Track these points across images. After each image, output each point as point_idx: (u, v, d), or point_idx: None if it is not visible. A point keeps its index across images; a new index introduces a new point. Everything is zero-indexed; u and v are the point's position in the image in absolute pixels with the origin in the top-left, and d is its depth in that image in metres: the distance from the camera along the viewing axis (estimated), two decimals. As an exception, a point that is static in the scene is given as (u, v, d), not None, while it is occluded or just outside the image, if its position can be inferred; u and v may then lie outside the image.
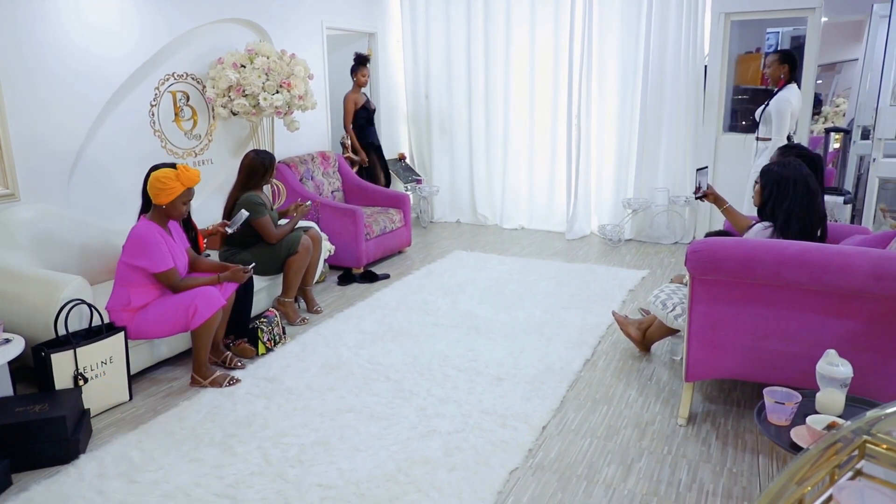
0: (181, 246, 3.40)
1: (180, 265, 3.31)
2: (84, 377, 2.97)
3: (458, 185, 7.17)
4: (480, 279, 5.06)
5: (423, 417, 2.99)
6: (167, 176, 3.15)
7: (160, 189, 3.15)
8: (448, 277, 5.12)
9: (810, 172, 3.00)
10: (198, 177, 3.25)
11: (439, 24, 6.89)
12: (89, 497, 2.44)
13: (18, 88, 3.56)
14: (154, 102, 4.49)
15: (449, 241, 6.41)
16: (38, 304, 3.03)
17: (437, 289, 4.84)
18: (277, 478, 2.54)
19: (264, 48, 4.76)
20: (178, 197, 3.19)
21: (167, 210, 3.22)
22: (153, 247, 3.15)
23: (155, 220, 3.25)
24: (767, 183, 3.04)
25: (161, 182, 3.14)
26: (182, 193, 3.19)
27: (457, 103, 6.99)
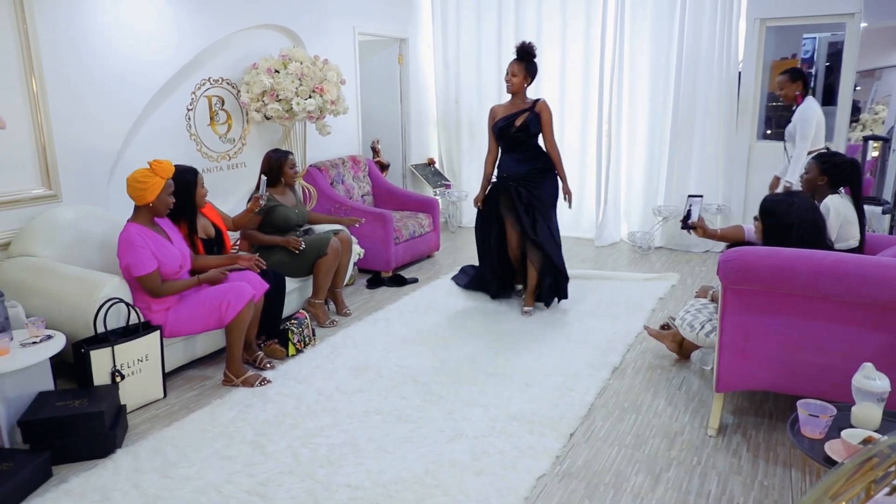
0: (178, 243, 3.39)
1: (173, 264, 3.27)
2: (121, 374, 3.05)
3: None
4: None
5: (451, 421, 3.00)
6: (144, 175, 3.15)
7: (142, 189, 3.14)
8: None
9: (816, 207, 2.89)
10: (171, 165, 3.24)
11: (470, 29, 6.93)
12: (125, 490, 2.51)
13: (62, 95, 3.67)
14: (190, 106, 4.59)
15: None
16: (78, 303, 3.12)
17: (464, 293, 4.86)
18: (307, 477, 2.57)
19: (298, 54, 4.84)
20: (162, 190, 3.20)
21: (155, 207, 3.21)
22: (135, 249, 3.14)
23: (140, 222, 3.22)
24: (770, 226, 2.87)
25: (140, 182, 3.14)
26: (164, 186, 3.20)
27: (487, 108, 6.95)
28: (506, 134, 4.29)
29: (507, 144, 4.34)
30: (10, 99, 3.42)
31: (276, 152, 4.31)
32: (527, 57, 4.24)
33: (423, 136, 7.27)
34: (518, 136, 4.27)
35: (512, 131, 4.26)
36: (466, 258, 5.89)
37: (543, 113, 4.28)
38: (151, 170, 3.17)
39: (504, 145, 4.36)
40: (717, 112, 5.93)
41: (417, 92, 7.07)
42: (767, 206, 2.91)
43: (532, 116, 4.25)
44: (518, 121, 4.25)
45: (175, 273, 3.30)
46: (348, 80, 5.66)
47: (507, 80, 4.27)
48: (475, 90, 7.04)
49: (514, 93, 4.29)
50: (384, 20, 6.41)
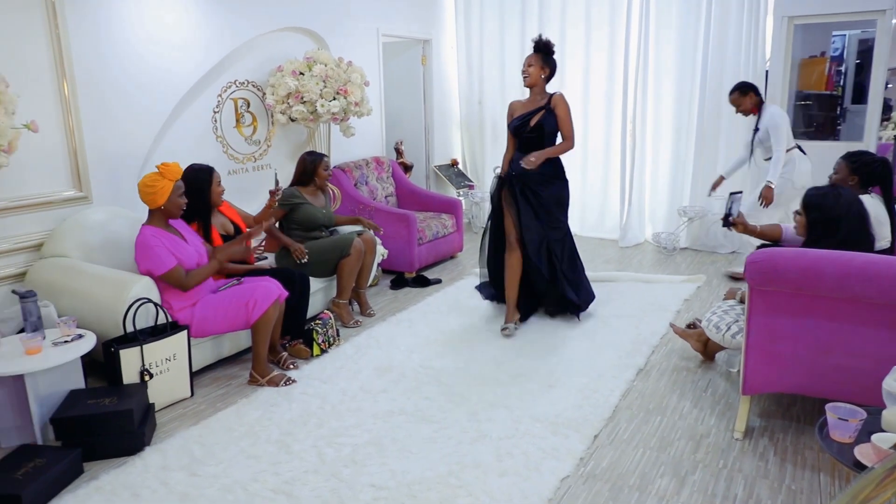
0: (194, 242, 3.44)
1: (189, 262, 3.32)
2: (150, 373, 3.10)
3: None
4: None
5: (475, 422, 3.01)
6: (152, 179, 3.20)
7: (152, 193, 3.20)
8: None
9: (859, 199, 2.85)
10: (178, 167, 3.28)
11: (493, 30, 6.92)
12: (154, 487, 2.55)
13: (93, 99, 3.74)
14: (217, 109, 4.65)
15: (500, 246, 6.40)
16: (107, 302, 3.17)
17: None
18: (332, 476, 2.60)
19: (322, 56, 4.88)
20: (172, 192, 3.24)
21: (167, 209, 3.26)
22: (152, 250, 3.19)
23: (154, 224, 3.28)
24: (816, 220, 2.80)
25: (150, 186, 3.19)
26: (174, 188, 3.24)
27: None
28: (520, 134, 4.11)
29: (521, 144, 4.14)
30: (42, 103, 3.50)
31: (312, 154, 4.40)
32: (544, 50, 4.04)
33: (446, 137, 7.28)
34: (532, 138, 4.07)
35: (526, 131, 4.08)
36: (489, 259, 5.89)
37: (558, 107, 4.04)
38: (160, 173, 3.22)
39: (519, 144, 4.17)
40: (743, 111, 5.84)
41: (441, 93, 7.08)
42: (813, 200, 2.82)
43: (546, 115, 4.04)
44: (533, 120, 4.05)
45: None
46: (372, 81, 5.69)
47: (524, 72, 4.06)
48: (498, 91, 7.03)
49: (531, 86, 4.08)
50: (408, 22, 6.44)
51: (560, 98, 4.07)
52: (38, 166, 3.52)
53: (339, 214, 4.93)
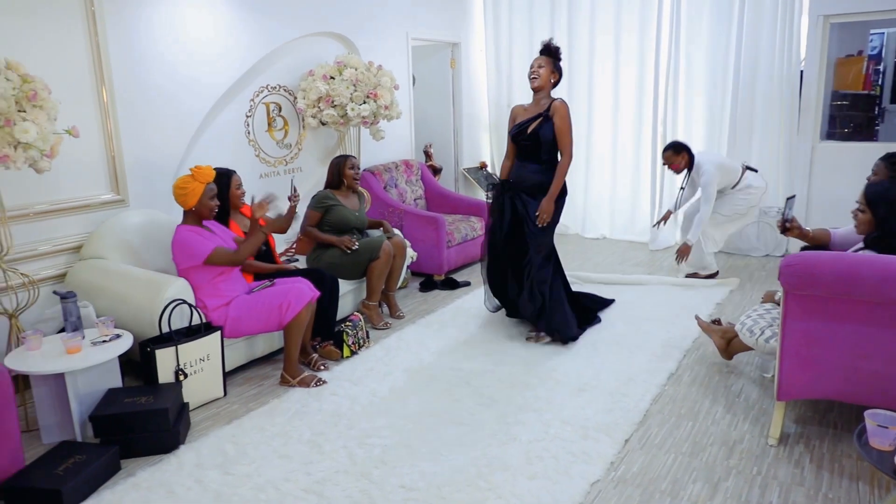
0: (226, 241, 3.49)
1: None
2: (184, 373, 3.16)
3: (538, 193, 7.13)
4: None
5: (504, 424, 3.00)
6: (184, 181, 3.31)
7: (184, 195, 3.30)
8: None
9: None
10: (211, 170, 3.36)
11: (522, 33, 6.92)
12: (188, 485, 2.60)
13: (130, 105, 3.83)
14: (249, 113, 4.72)
15: (529, 249, 6.38)
16: (144, 303, 3.24)
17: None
18: (362, 477, 2.62)
19: (352, 60, 4.92)
20: (203, 195, 3.33)
21: (198, 210, 3.35)
22: (190, 242, 3.29)
23: (189, 224, 3.38)
24: (882, 209, 2.68)
25: (182, 189, 3.30)
26: (204, 191, 3.33)
27: (539, 111, 6.97)
28: (517, 141, 3.91)
29: (519, 152, 3.95)
30: (82, 109, 3.59)
31: (339, 156, 4.46)
32: (555, 54, 3.87)
33: (475, 140, 7.29)
34: (527, 146, 3.86)
35: (522, 139, 3.86)
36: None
37: (556, 115, 3.78)
38: (192, 175, 3.32)
39: (517, 153, 3.97)
40: (777, 112, 5.76)
41: (469, 96, 7.09)
42: (880, 194, 2.71)
43: (544, 123, 3.80)
44: (530, 128, 3.83)
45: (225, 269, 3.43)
46: (401, 84, 5.72)
47: (533, 74, 3.83)
48: (527, 94, 6.93)
49: (538, 88, 3.84)
50: (437, 25, 6.46)
51: (560, 105, 3.82)
52: (77, 170, 3.62)
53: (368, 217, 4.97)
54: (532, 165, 3.88)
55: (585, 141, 6.77)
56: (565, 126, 3.79)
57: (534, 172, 3.86)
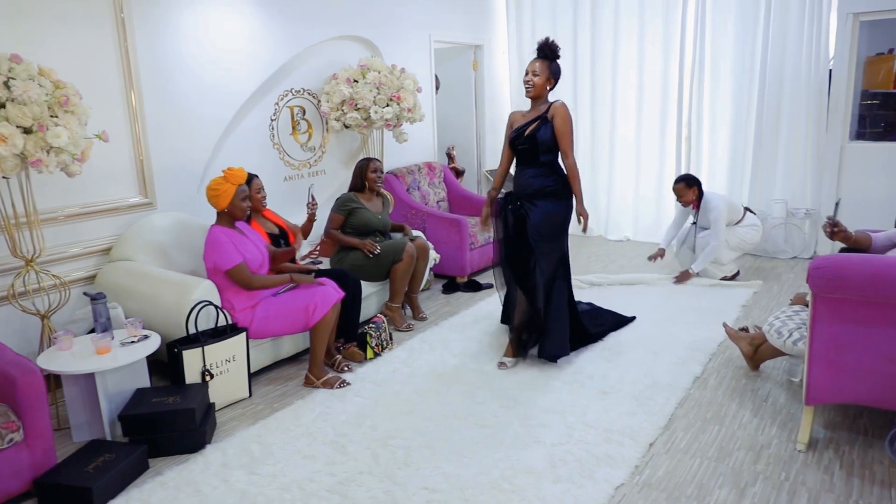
0: (257, 244, 3.56)
1: (254, 261, 3.45)
2: (210, 373, 3.20)
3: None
4: (584, 291, 5.00)
5: (527, 427, 3.00)
6: (217, 182, 3.37)
7: (216, 196, 3.36)
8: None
9: None
10: (243, 172, 3.42)
11: (545, 33, 6.83)
12: (214, 484, 2.63)
13: (158, 110, 3.90)
14: (274, 117, 4.77)
15: (552, 251, 6.36)
16: (171, 305, 3.29)
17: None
18: (385, 478, 2.63)
19: (376, 63, 4.95)
20: (234, 196, 3.38)
21: (230, 212, 3.41)
22: (222, 246, 3.35)
23: (222, 225, 3.44)
24: None
25: (214, 190, 3.36)
26: (236, 192, 3.38)
27: (562, 113, 6.94)
28: (515, 146, 3.69)
29: (518, 158, 3.74)
30: (112, 114, 3.66)
31: (363, 159, 4.50)
32: (550, 55, 3.58)
33: (497, 142, 7.24)
34: (524, 150, 3.64)
35: (519, 143, 3.65)
36: (541, 264, 5.86)
37: (556, 118, 3.54)
38: (224, 177, 3.38)
39: (516, 159, 3.76)
40: (805, 112, 5.67)
41: (492, 98, 7.09)
42: None
43: (542, 125, 3.57)
44: (527, 130, 3.61)
45: (258, 268, 3.46)
46: (424, 87, 5.74)
47: (527, 82, 3.59)
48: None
49: (535, 97, 3.61)
50: (459, 28, 6.47)
51: (560, 107, 3.58)
52: (107, 174, 3.68)
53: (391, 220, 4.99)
54: (530, 170, 3.67)
55: (609, 142, 6.73)
56: (566, 127, 3.57)
57: (533, 177, 3.65)
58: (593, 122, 6.78)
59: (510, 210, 3.69)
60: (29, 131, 2.79)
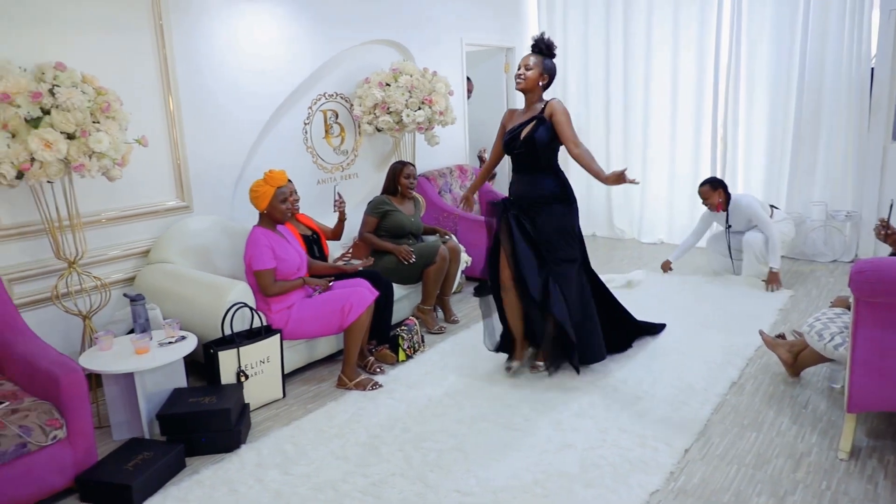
0: (297, 247, 3.63)
1: (293, 264, 3.50)
2: (245, 374, 3.25)
3: (593, 197, 7.05)
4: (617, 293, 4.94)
5: (559, 431, 2.98)
6: (257, 184, 3.45)
7: (255, 197, 3.45)
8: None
9: None
10: (283, 175, 3.48)
11: (577, 35, 6.85)
12: (250, 484, 2.66)
13: (194, 115, 3.98)
14: (307, 121, 4.82)
15: (584, 254, 6.32)
16: (208, 306, 3.35)
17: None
18: (418, 480, 2.63)
19: (408, 67, 4.98)
20: (273, 198, 3.44)
21: (269, 213, 3.47)
22: (257, 247, 3.42)
23: (264, 226, 3.51)
24: None
25: (254, 191, 3.45)
26: (274, 195, 3.44)
27: (594, 114, 6.90)
28: (511, 149, 3.47)
29: (514, 162, 3.52)
30: (151, 119, 3.74)
31: (397, 163, 4.53)
32: (546, 52, 3.42)
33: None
34: (521, 154, 3.43)
35: (516, 147, 3.43)
36: (573, 267, 5.82)
37: (555, 114, 3.35)
38: (264, 179, 3.45)
39: (512, 163, 3.55)
40: (846, 112, 5.54)
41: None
42: None
43: (539, 125, 3.36)
44: (523, 132, 3.39)
45: (293, 273, 3.51)
46: (455, 90, 5.75)
47: (520, 75, 3.39)
48: (582, 97, 6.95)
49: (526, 90, 3.42)
50: (491, 30, 6.47)
51: (557, 104, 3.40)
52: (145, 178, 3.76)
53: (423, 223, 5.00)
54: (528, 176, 3.45)
55: (642, 143, 6.66)
56: (566, 120, 3.36)
57: (533, 183, 3.44)
58: (626, 123, 6.71)
59: (513, 218, 3.44)
60: (72, 137, 2.87)
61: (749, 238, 5.01)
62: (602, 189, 6.95)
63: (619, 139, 6.79)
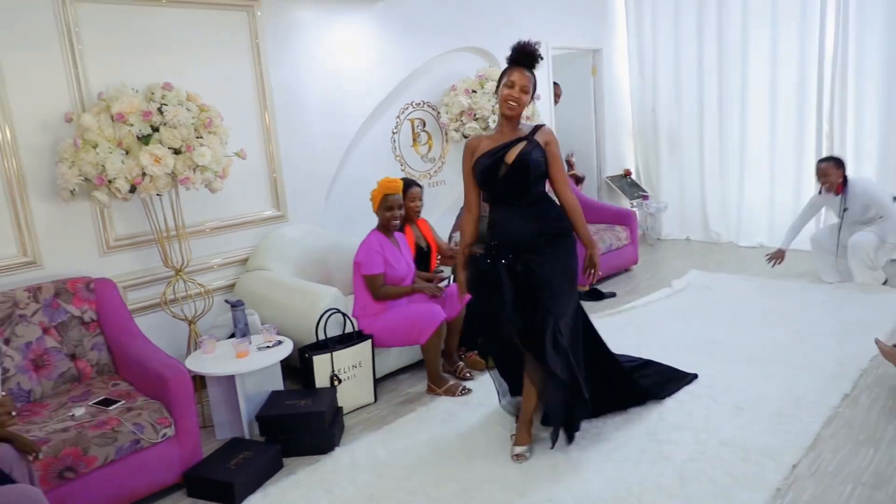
0: (408, 258, 3.68)
1: (400, 270, 3.56)
2: (339, 378, 3.32)
3: (688, 200, 6.80)
4: (713, 299, 4.75)
5: (655, 443, 2.87)
6: (374, 188, 3.55)
7: (371, 199, 3.60)
8: (678, 297, 4.89)
9: None
10: (394, 184, 3.55)
11: (667, 34, 6.65)
12: (344, 486, 2.72)
13: (288, 128, 4.14)
14: (395, 130, 4.91)
15: (678, 259, 6.10)
16: (302, 312, 3.46)
17: (665, 308, 4.65)
18: (510, 488, 2.61)
19: (493, 73, 4.98)
20: (380, 203, 3.54)
21: (379, 217, 3.57)
22: (371, 252, 3.50)
23: (380, 231, 3.59)
24: None
25: (372, 193, 3.57)
26: (382, 199, 3.52)
27: (686, 115, 6.66)
28: (492, 176, 2.77)
29: (496, 193, 2.82)
30: (249, 133, 3.91)
31: None
32: (532, 63, 2.80)
33: (618, 147, 7.10)
34: (512, 181, 2.76)
35: (502, 172, 2.75)
36: (667, 272, 5.63)
37: (552, 145, 2.79)
38: (378, 183, 3.57)
39: (492, 195, 2.84)
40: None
41: (612, 102, 6.92)
42: None
43: (531, 147, 2.75)
44: (510, 155, 2.74)
45: (400, 280, 3.59)
46: (542, 94, 5.70)
47: (514, 98, 2.73)
48: (674, 97, 6.73)
49: (515, 116, 2.79)
50: (577, 33, 6.38)
51: (551, 132, 2.86)
52: (243, 189, 3.93)
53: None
54: (518, 209, 2.79)
55: (739, 142, 6.36)
56: (560, 154, 2.86)
57: (526, 217, 2.79)
58: (721, 122, 6.43)
59: (503, 267, 2.77)
60: (178, 152, 3.04)
61: (856, 241, 4.66)
62: (696, 191, 6.71)
63: (715, 140, 6.52)
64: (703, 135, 6.58)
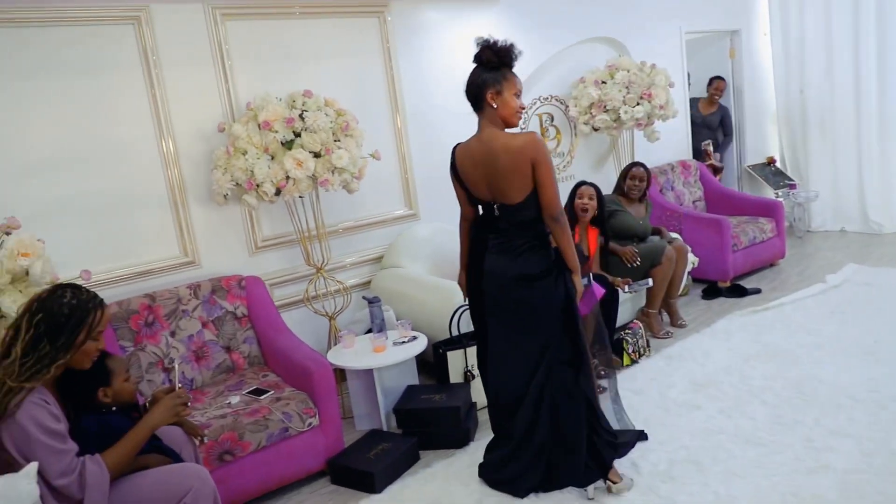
0: None
1: None
2: (472, 374, 3.35)
3: (841, 188, 6.23)
4: (875, 297, 4.32)
5: (811, 450, 2.66)
6: None
7: None
8: (833, 294, 4.49)
9: None
10: None
11: (816, 7, 6.11)
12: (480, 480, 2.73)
13: (418, 129, 4.23)
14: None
15: (831, 252, 5.61)
16: (436, 308, 3.52)
17: (820, 305, 4.28)
18: (648, 490, 2.52)
19: (624, 62, 4.82)
20: None
21: None
22: None
23: None
24: None
25: None
26: None
27: (840, 95, 6.09)
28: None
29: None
30: (382, 135, 4.04)
31: (630, 163, 4.47)
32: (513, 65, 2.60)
33: (759, 134, 6.64)
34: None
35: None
36: (819, 266, 5.19)
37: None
38: None
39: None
40: None
41: (752, 86, 6.48)
42: None
43: None
44: None
45: None
46: (676, 81, 5.44)
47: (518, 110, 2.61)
48: (825, 77, 6.17)
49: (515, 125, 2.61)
50: (713, 15, 6.03)
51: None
52: (377, 189, 4.07)
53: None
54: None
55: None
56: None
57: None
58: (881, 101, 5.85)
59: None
60: (318, 155, 3.20)
61: None
62: (853, 178, 6.14)
63: (873, 122, 5.92)
64: (859, 116, 5.99)
